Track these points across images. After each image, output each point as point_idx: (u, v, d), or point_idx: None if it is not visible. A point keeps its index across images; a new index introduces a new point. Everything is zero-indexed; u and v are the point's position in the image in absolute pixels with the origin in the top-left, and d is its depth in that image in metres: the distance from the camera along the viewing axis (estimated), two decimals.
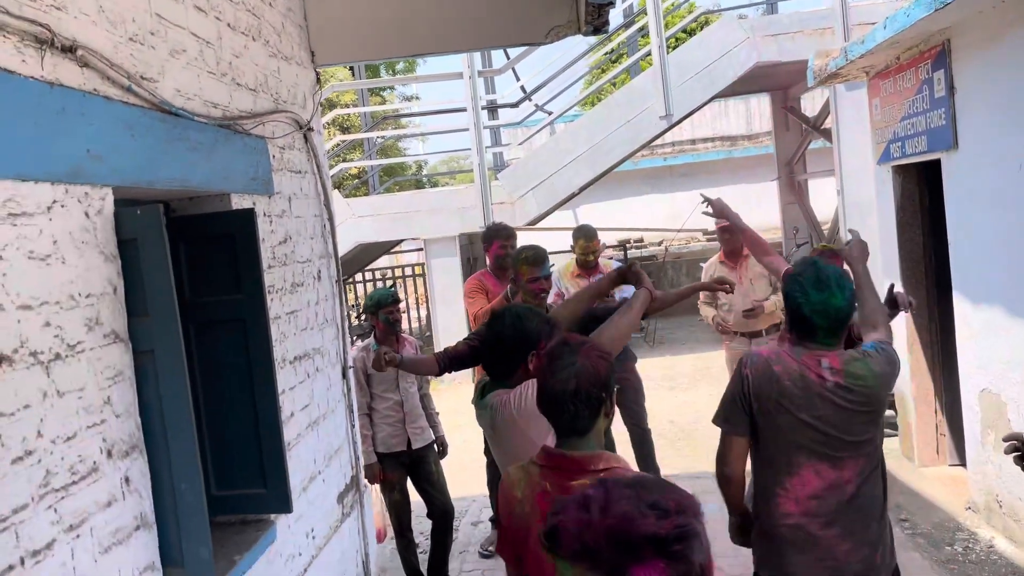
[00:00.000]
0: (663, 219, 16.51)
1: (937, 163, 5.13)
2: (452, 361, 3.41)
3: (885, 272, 6.19)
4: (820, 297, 2.50)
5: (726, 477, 2.66)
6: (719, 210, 3.89)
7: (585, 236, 5.44)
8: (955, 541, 4.80)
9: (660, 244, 16.48)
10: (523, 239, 5.30)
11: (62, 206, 2.07)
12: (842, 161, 8.55)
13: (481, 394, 2.77)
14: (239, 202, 3.17)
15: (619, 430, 5.66)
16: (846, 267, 2.91)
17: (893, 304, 3.42)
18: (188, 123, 2.76)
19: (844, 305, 2.52)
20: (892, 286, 3.59)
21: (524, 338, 2.69)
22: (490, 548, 5.46)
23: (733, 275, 5.80)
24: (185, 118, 2.73)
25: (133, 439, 2.29)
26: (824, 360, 2.52)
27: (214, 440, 3.01)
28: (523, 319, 2.73)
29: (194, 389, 2.92)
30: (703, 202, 3.99)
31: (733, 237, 5.81)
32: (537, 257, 4.12)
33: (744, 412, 2.57)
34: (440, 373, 3.57)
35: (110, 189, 2.29)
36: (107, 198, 2.27)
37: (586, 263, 5.41)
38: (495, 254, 5.35)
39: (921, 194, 5.73)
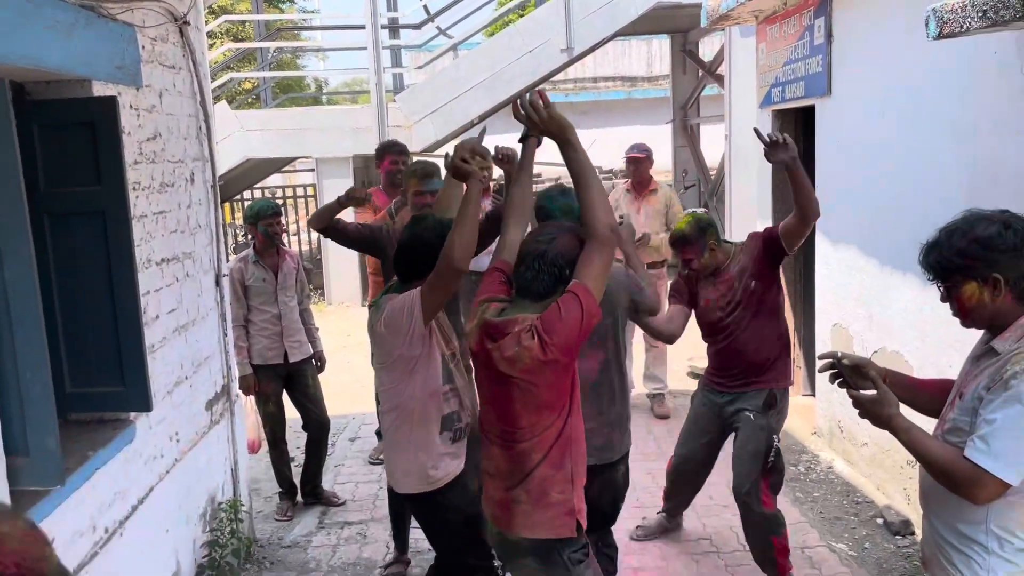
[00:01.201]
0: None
1: (813, 108, 5.36)
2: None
3: (760, 214, 6.48)
4: (565, 200, 3.09)
5: None
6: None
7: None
8: (800, 462, 5.18)
9: (557, 180, 16.62)
10: None
11: None
12: (732, 106, 8.77)
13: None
14: (102, 90, 3.02)
15: None
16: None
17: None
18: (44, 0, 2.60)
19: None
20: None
21: (441, 246, 2.75)
22: (380, 457, 5.56)
23: (635, 204, 6.07)
24: None
25: None
26: None
27: (70, 336, 2.93)
28: (446, 227, 2.82)
29: (48, 282, 2.83)
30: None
31: (639, 168, 6.10)
32: (425, 171, 4.10)
33: None
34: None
35: None
36: None
37: None
38: (386, 170, 5.37)
39: (796, 138, 5.95)
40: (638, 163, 6.16)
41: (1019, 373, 1.90)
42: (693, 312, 3.81)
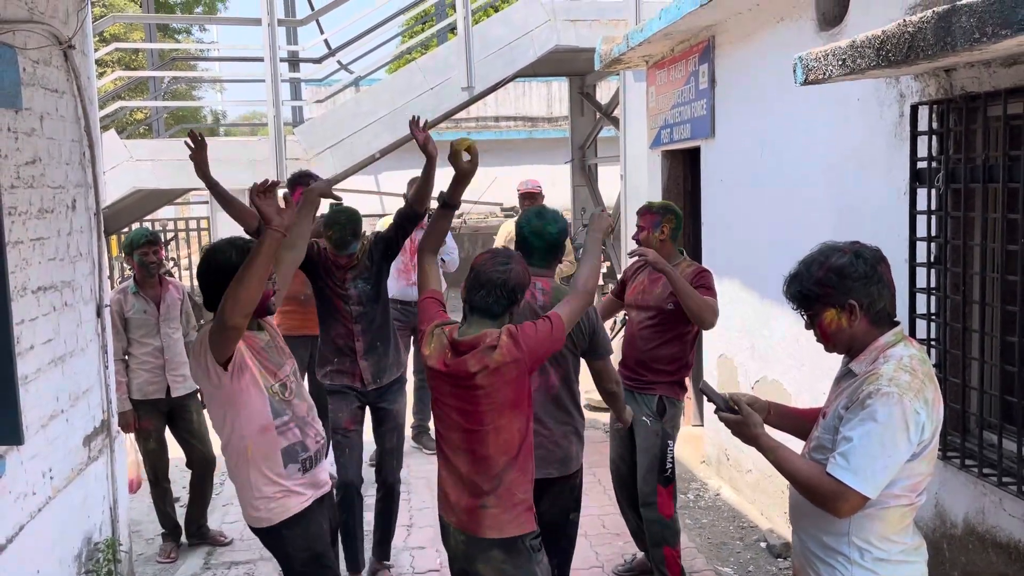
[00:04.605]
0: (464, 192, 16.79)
1: (699, 150, 5.61)
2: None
3: None
4: (538, 223, 3.21)
5: None
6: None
7: None
8: (689, 490, 5.33)
9: (459, 217, 16.74)
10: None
11: None
12: (627, 147, 9.07)
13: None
14: None
15: None
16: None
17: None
18: None
19: (556, 232, 3.22)
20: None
21: (217, 271, 2.73)
22: None
23: None
24: None
25: None
26: (539, 283, 3.12)
27: None
28: (217, 252, 2.80)
29: None
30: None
31: (534, 202, 6.45)
32: (342, 240, 3.90)
33: None
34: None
35: None
36: None
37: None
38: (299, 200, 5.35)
39: (684, 178, 6.25)
40: (533, 197, 6.45)
41: (873, 393, 2.05)
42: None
